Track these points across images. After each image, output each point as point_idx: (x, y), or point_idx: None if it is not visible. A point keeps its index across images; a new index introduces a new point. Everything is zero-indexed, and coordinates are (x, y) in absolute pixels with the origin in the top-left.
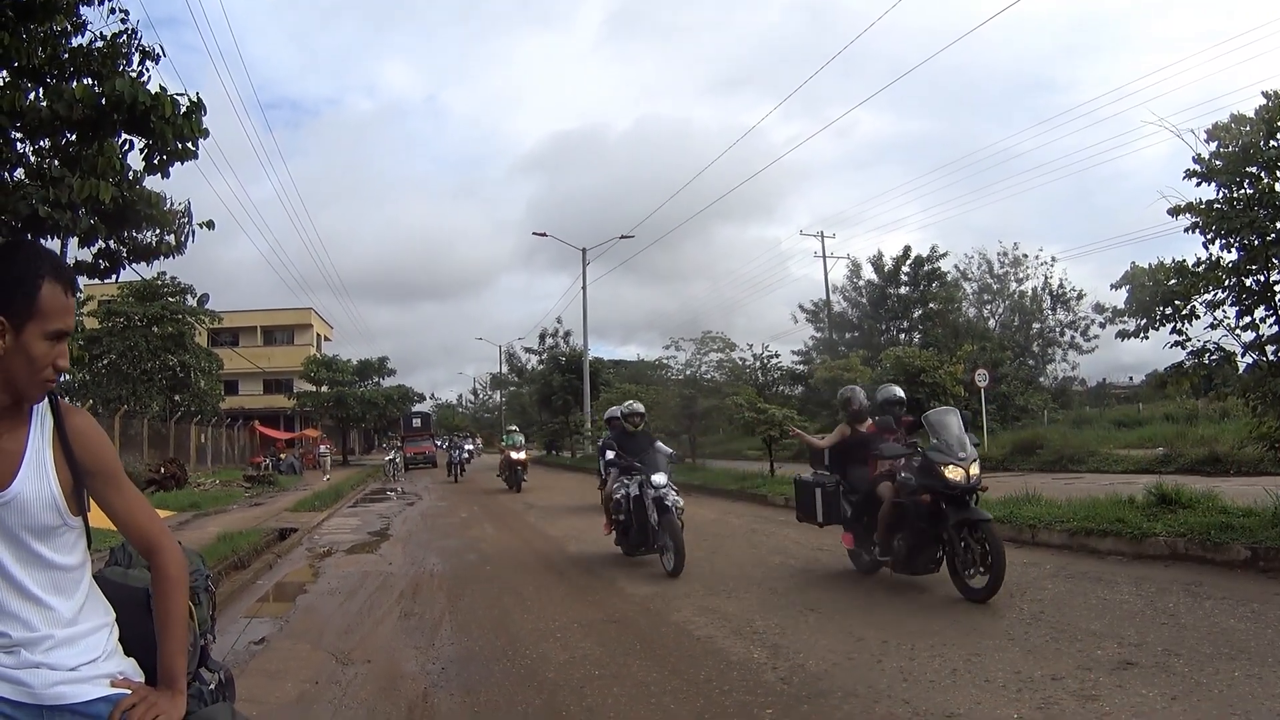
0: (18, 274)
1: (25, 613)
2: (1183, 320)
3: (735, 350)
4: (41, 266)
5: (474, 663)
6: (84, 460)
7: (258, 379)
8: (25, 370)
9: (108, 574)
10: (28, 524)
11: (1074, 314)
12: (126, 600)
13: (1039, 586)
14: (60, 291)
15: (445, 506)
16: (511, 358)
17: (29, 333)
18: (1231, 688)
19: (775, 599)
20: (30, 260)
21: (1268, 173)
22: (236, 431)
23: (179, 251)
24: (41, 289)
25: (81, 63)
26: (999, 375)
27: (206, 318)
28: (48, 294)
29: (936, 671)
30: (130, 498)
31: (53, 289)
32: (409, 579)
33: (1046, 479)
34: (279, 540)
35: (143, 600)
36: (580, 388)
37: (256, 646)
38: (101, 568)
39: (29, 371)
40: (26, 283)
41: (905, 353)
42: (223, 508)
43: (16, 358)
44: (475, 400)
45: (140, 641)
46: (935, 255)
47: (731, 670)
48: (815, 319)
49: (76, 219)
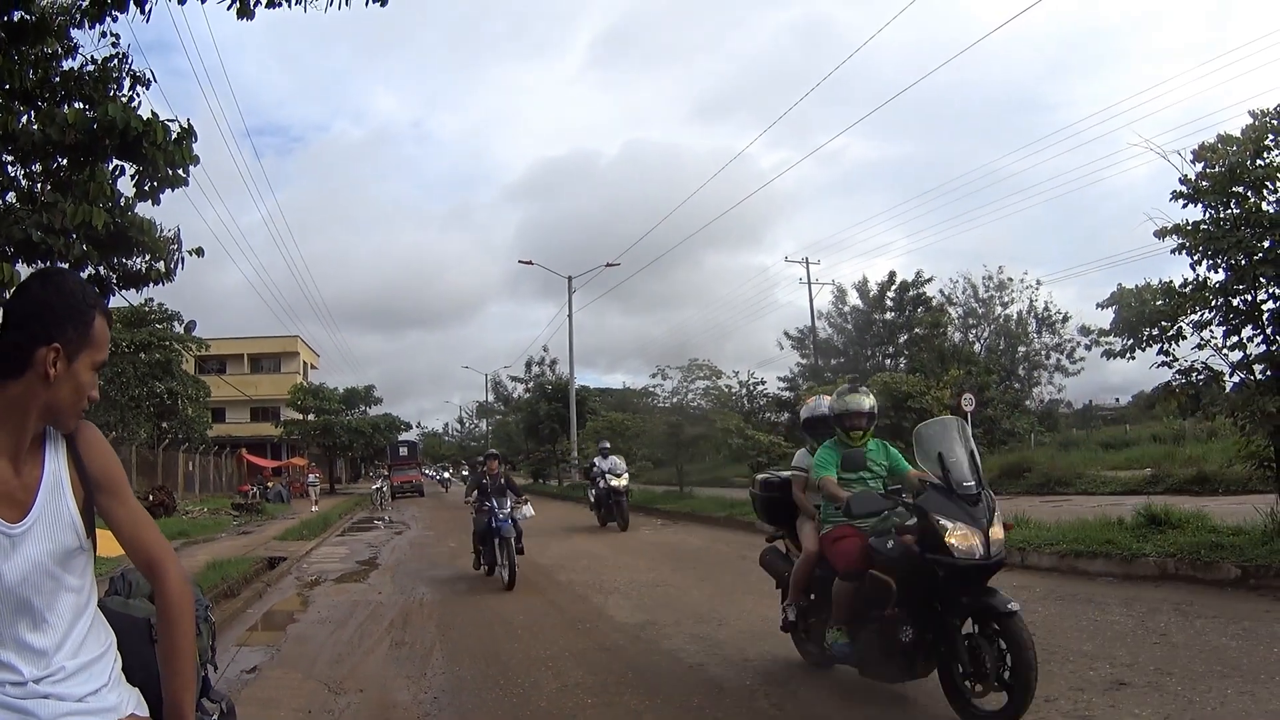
0: (74, 303)
1: (38, 640)
2: (1170, 341)
3: (721, 378)
4: (92, 296)
5: (466, 692)
6: (94, 472)
7: (245, 407)
8: (71, 399)
9: (109, 603)
10: (50, 547)
11: (1059, 337)
12: (129, 630)
13: (1030, 610)
14: (105, 324)
15: (433, 535)
16: (498, 386)
17: (81, 361)
18: (1224, 705)
19: (766, 626)
20: (84, 290)
21: (1254, 192)
22: (224, 459)
23: (169, 278)
24: (95, 319)
25: (73, 86)
26: (985, 399)
27: (194, 345)
28: (99, 326)
29: (930, 695)
30: (136, 512)
31: (102, 321)
32: (399, 608)
33: (1035, 501)
34: (268, 569)
35: (145, 630)
36: (567, 416)
37: (248, 675)
38: (101, 596)
39: (74, 400)
40: (84, 312)
41: (892, 378)
42: (211, 536)
43: (65, 386)
44: (461, 429)
45: (143, 672)
46: (920, 280)
47: (725, 698)
48: (801, 346)
49: (70, 244)
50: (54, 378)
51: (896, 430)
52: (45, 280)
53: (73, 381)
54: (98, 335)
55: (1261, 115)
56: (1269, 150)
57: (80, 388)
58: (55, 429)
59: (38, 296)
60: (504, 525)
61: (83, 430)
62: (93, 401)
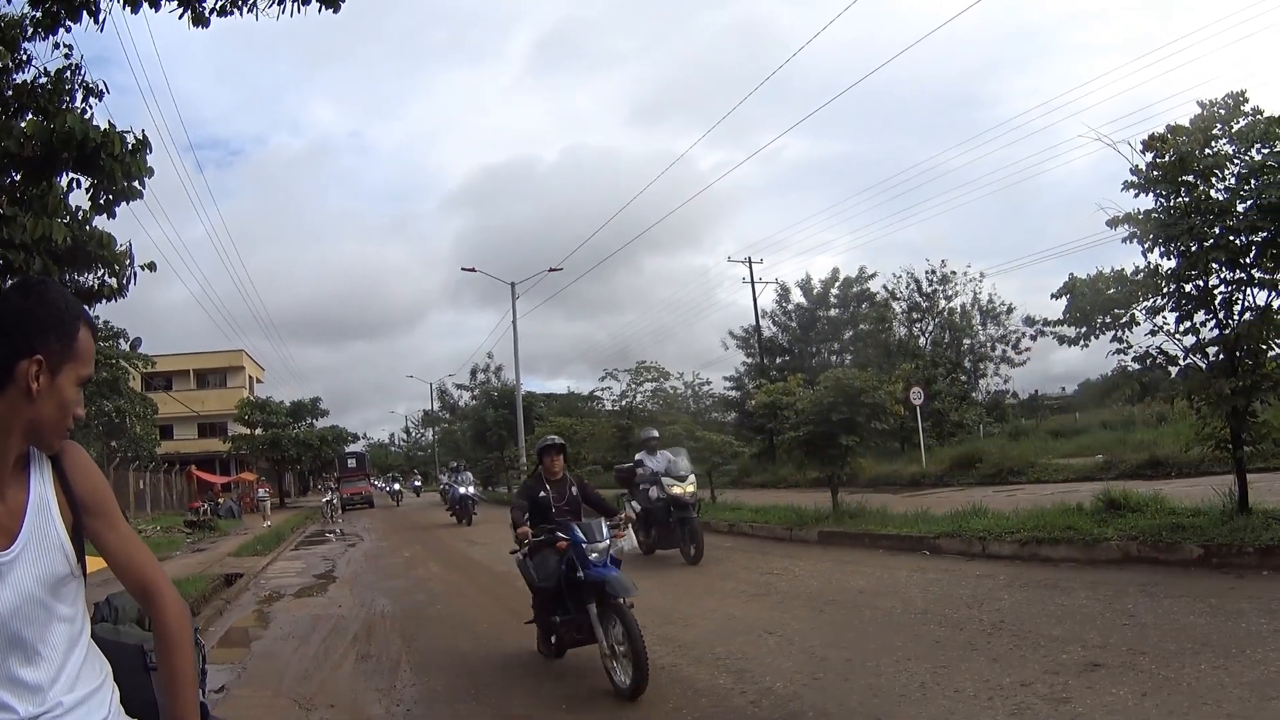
0: (56, 313)
1: (32, 676)
2: (1123, 328)
3: (669, 379)
4: (76, 306)
5: (438, 703)
6: (83, 496)
7: (192, 423)
8: (55, 416)
9: (98, 631)
10: (39, 575)
11: (1004, 328)
12: (122, 659)
13: (996, 597)
14: (90, 336)
15: (387, 546)
16: (443, 394)
17: (65, 375)
18: (1200, 680)
19: (732, 624)
20: (67, 300)
21: (1203, 180)
22: (174, 477)
23: (121, 294)
24: (80, 332)
25: (26, 99)
26: (932, 392)
27: (140, 362)
28: (84, 337)
29: (905, 686)
30: (128, 537)
31: (86, 333)
32: (361, 621)
33: (988, 492)
34: (225, 586)
35: (138, 658)
36: (514, 422)
37: (217, 695)
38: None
39: (58, 417)
40: (67, 323)
41: (845, 373)
42: (166, 555)
43: (49, 402)
44: (408, 439)
45: (140, 702)
46: (864, 276)
47: (700, 697)
48: (746, 345)
49: (30, 259)
50: (37, 393)
51: (851, 426)
52: (26, 290)
53: (57, 397)
54: (82, 347)
55: (1210, 105)
56: (1217, 139)
57: (65, 404)
58: (39, 449)
59: (18, 306)
60: (604, 574)
61: (69, 451)
62: (78, 420)
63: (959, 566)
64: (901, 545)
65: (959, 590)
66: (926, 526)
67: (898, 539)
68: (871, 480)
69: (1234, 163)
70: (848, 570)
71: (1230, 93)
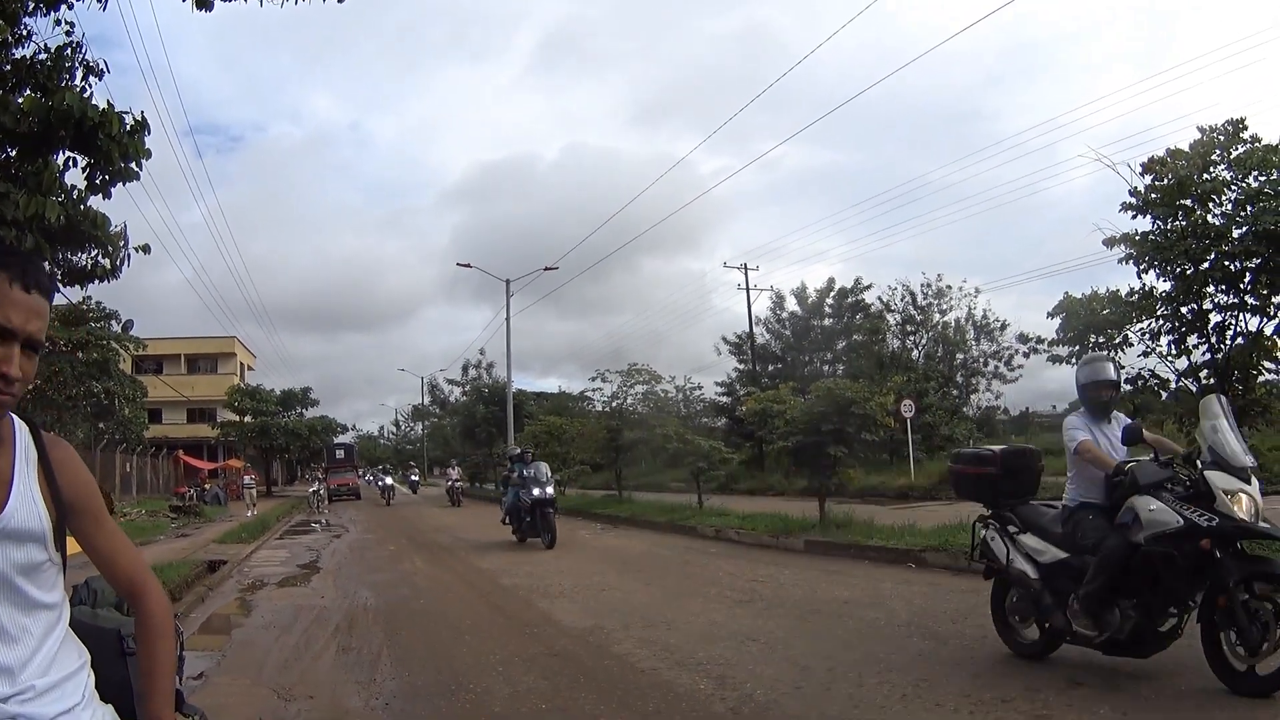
0: None
1: (5, 657)
2: (1116, 348)
3: (660, 383)
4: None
5: (418, 698)
6: (69, 494)
7: (181, 408)
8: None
9: (77, 614)
10: (16, 560)
11: (998, 344)
12: (98, 643)
13: (980, 612)
14: (5, 281)
15: (373, 539)
16: (434, 389)
17: None
18: (1180, 700)
19: (715, 630)
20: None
21: (1200, 205)
22: (161, 461)
23: (114, 275)
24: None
25: (25, 75)
26: (924, 405)
27: (131, 344)
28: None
29: (886, 697)
30: (114, 535)
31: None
32: (343, 612)
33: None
34: (209, 573)
35: (115, 643)
36: (504, 419)
37: (195, 682)
38: None
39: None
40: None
41: (835, 384)
42: (150, 539)
43: None
44: (397, 432)
45: (115, 687)
46: (859, 287)
47: (680, 702)
48: (738, 351)
49: (21, 237)
50: None
51: (840, 436)
52: None
53: None
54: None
55: (1209, 130)
56: (1215, 165)
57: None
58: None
59: None
60: None
61: (54, 450)
62: (6, 379)
63: (944, 580)
64: (887, 557)
65: (943, 604)
66: (913, 539)
67: (884, 551)
68: (859, 491)
69: (1231, 188)
70: (833, 580)
71: (1230, 119)
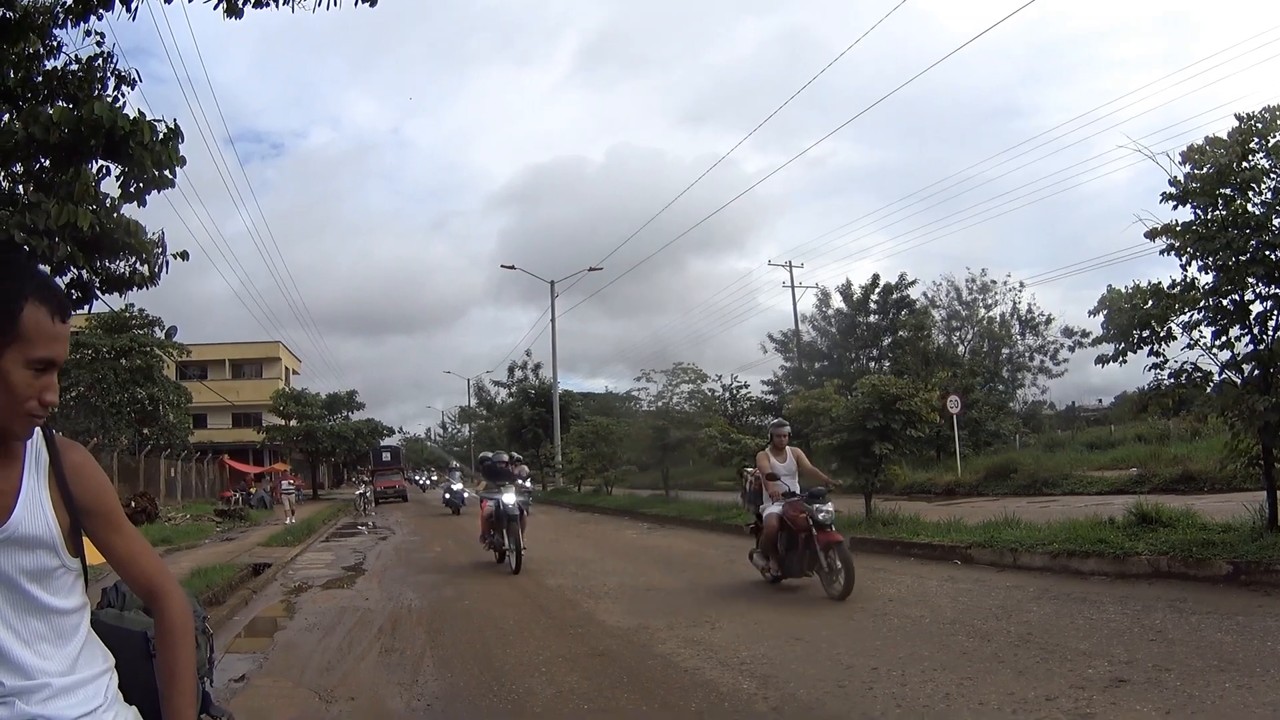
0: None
1: (21, 660)
2: (1160, 342)
3: (706, 381)
4: (26, 284)
5: (460, 699)
6: (82, 499)
7: (226, 412)
8: (4, 402)
9: (102, 617)
10: (24, 566)
11: (1043, 338)
12: (124, 645)
13: (1025, 609)
14: (46, 314)
15: (419, 541)
16: (480, 391)
17: (8, 359)
18: (1224, 699)
19: (760, 629)
20: (11, 275)
21: (1240, 194)
22: (206, 465)
23: (153, 283)
24: (24, 309)
25: (56, 86)
26: (970, 401)
27: (175, 350)
28: (30, 316)
29: (930, 696)
30: (131, 539)
31: (37, 310)
32: (387, 614)
33: (1022, 503)
34: (253, 575)
35: (141, 644)
36: (550, 420)
37: (237, 684)
38: (94, 610)
39: (8, 404)
40: (8, 300)
41: (880, 380)
42: (195, 543)
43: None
44: (444, 434)
45: (140, 688)
46: (904, 283)
47: (723, 702)
48: (784, 349)
49: (54, 246)
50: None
51: (885, 433)
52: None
53: (1, 383)
54: (28, 328)
55: (1247, 118)
56: (1254, 153)
57: (13, 390)
58: (6, 438)
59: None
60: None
61: (68, 454)
62: (46, 406)
63: (989, 577)
64: (933, 554)
65: (988, 601)
66: (959, 536)
67: (929, 548)
68: (906, 488)
69: (1270, 177)
70: (878, 577)
71: (1267, 107)
